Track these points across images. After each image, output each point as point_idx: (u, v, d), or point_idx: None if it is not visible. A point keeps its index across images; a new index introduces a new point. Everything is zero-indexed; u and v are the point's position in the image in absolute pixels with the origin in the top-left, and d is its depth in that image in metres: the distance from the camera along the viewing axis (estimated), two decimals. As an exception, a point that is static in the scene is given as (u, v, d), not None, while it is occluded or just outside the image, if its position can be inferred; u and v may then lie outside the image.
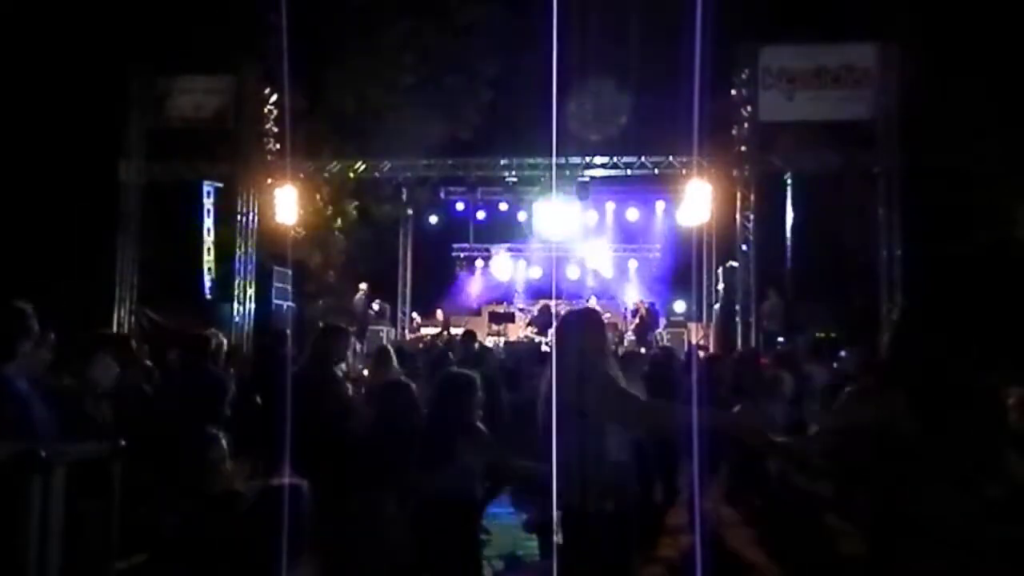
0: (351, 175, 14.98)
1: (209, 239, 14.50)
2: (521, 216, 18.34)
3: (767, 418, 4.08)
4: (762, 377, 5.19)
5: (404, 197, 17.45)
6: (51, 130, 12.68)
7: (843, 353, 7.88)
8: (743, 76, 12.41)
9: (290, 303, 14.49)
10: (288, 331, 7.54)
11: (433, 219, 18.81)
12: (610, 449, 3.02)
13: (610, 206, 19.80)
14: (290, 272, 14.29)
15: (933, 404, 2.38)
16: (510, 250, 20.57)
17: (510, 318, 17.05)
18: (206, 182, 14.31)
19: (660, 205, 19.03)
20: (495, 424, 4.53)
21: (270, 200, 13.52)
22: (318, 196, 15.22)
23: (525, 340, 15.22)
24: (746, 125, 12.48)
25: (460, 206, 19.54)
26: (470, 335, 9.16)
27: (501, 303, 19.03)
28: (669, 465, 6.25)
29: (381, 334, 14.83)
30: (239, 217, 13.87)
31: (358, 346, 10.95)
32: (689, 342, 14.35)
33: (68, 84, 12.96)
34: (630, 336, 15.57)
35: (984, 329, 2.45)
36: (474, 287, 20.63)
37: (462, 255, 21.04)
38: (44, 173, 13.01)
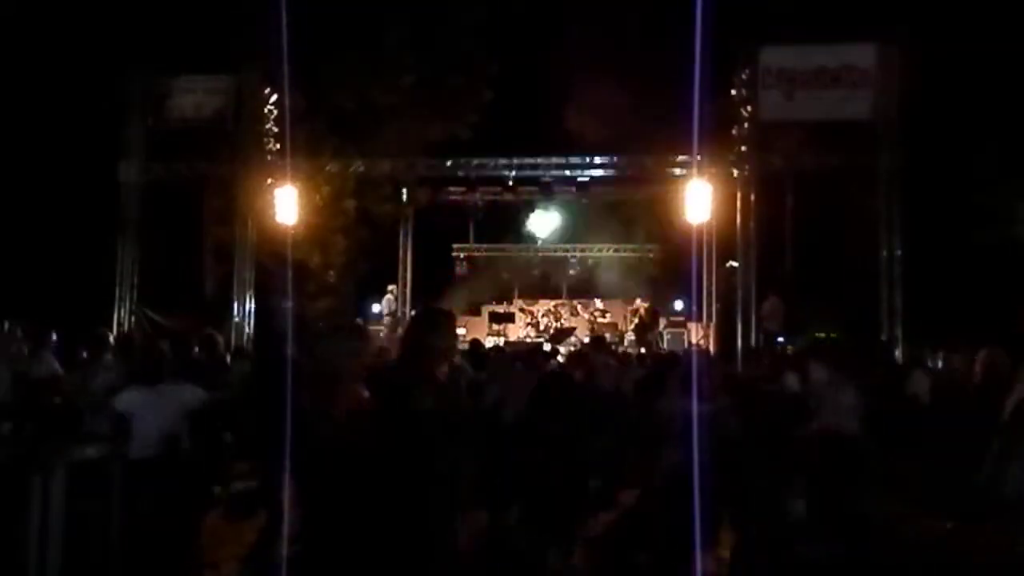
0: (351, 175, 14.97)
1: (209, 239, 14.47)
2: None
3: None
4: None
5: (404, 197, 17.43)
6: (51, 130, 12.68)
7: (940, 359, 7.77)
8: (743, 76, 12.40)
9: (289, 303, 14.45)
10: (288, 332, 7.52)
11: (433, 219, 18.77)
12: None
13: (610, 206, 19.78)
14: (290, 272, 14.27)
15: None
16: (509, 249, 20.54)
17: (510, 318, 17.02)
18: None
19: (660, 205, 19.00)
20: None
21: (270, 200, 13.50)
22: (318, 196, 15.20)
23: (525, 340, 15.21)
24: (746, 125, 12.48)
25: (460, 206, 19.51)
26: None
27: (501, 303, 18.99)
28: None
29: (381, 334, 14.82)
30: (239, 217, 13.86)
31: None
32: (689, 342, 14.35)
33: (68, 85, 12.96)
34: (630, 336, 15.56)
35: None
36: (474, 287, 20.58)
37: (462, 255, 21.01)
38: (44, 173, 13.02)
